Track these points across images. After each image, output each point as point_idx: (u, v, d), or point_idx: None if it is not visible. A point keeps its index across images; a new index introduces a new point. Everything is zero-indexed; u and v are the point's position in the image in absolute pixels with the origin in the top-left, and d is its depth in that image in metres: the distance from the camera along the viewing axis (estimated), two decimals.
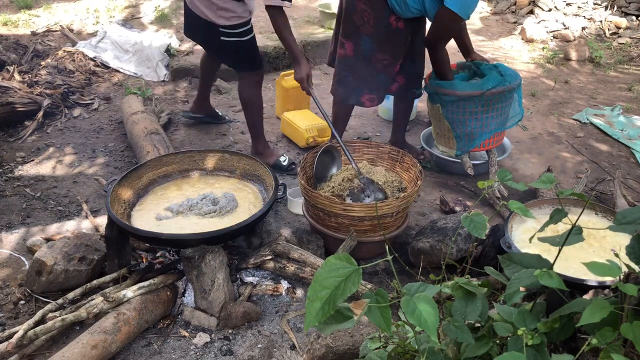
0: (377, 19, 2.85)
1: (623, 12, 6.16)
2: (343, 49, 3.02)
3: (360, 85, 3.06)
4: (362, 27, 2.90)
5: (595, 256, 2.03)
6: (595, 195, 3.18)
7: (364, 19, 2.87)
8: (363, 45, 2.94)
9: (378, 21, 2.85)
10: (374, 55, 2.95)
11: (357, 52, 2.97)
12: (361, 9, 2.85)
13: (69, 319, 2.03)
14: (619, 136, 3.92)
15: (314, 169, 2.66)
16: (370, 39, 2.91)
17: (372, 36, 2.90)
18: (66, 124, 3.83)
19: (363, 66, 3.00)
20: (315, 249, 2.49)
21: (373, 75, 3.03)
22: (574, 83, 4.93)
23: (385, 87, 3.13)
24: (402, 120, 3.53)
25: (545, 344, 1.10)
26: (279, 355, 2.06)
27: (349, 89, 3.10)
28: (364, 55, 2.97)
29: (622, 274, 1.10)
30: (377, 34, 2.89)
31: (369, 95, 3.10)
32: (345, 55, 3.02)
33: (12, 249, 2.60)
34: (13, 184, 3.13)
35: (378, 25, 2.86)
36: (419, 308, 1.03)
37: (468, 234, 2.42)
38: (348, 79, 3.07)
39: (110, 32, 4.92)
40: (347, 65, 3.04)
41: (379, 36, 2.90)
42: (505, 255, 1.28)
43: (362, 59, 2.98)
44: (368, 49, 2.94)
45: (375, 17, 2.84)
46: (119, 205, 2.37)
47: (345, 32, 2.98)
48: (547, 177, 1.26)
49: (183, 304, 2.26)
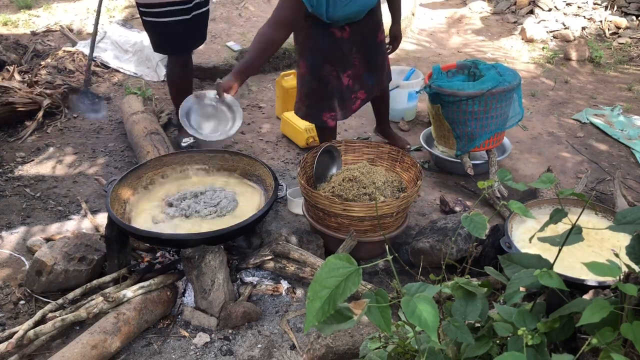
0: (317, 31, 2.78)
1: (623, 12, 6.16)
2: (299, 67, 2.96)
3: (319, 102, 2.98)
4: (306, 42, 2.85)
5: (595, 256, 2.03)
6: (595, 195, 3.18)
7: (303, 33, 2.81)
8: (311, 60, 2.88)
9: (318, 32, 2.79)
10: (322, 67, 2.88)
11: (308, 68, 2.91)
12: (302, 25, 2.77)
13: (69, 319, 2.03)
14: (619, 136, 3.92)
15: (314, 169, 2.66)
16: (314, 52, 2.85)
17: (315, 49, 2.84)
18: (66, 124, 3.83)
19: (316, 82, 2.92)
20: (315, 249, 2.48)
21: (327, 90, 2.94)
22: (574, 83, 4.93)
23: (342, 101, 3.02)
24: (379, 110, 3.50)
25: (545, 344, 1.10)
26: (279, 355, 2.06)
27: (310, 108, 3.01)
28: (313, 70, 2.89)
29: (622, 274, 1.10)
30: (321, 46, 2.82)
31: (329, 113, 3.00)
32: (302, 74, 2.95)
33: (12, 249, 2.60)
34: (13, 184, 3.13)
35: (319, 37, 2.79)
36: (419, 308, 1.03)
37: (468, 234, 2.42)
38: (308, 97, 2.99)
39: (110, 32, 4.92)
40: (305, 83, 2.95)
41: (323, 48, 2.83)
42: (505, 255, 1.28)
43: (313, 75, 2.90)
44: (316, 63, 2.87)
45: (315, 29, 2.78)
46: (119, 205, 2.37)
47: (297, 50, 2.94)
48: (547, 177, 1.26)
49: (183, 304, 2.26)
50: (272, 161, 3.48)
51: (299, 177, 2.55)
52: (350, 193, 2.47)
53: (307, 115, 3.05)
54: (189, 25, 3.09)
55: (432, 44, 5.75)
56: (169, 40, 3.10)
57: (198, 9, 3.14)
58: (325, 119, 3.02)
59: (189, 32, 3.13)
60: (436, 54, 5.50)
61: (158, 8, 2.95)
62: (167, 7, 2.95)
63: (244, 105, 4.26)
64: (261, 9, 6.16)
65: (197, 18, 3.16)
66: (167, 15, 2.97)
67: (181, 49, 3.18)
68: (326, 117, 3.01)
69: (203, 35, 3.40)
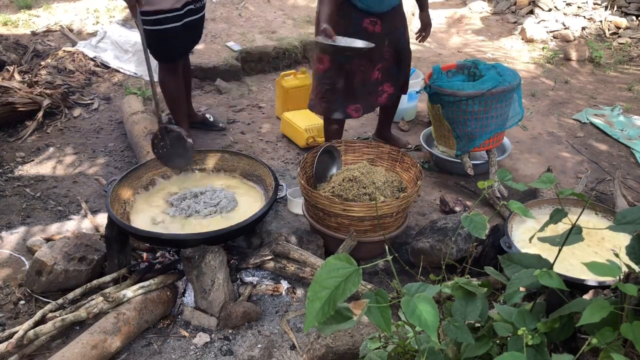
0: (348, 26, 2.82)
1: (623, 12, 6.16)
2: (321, 63, 2.97)
3: (343, 96, 3.02)
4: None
5: (595, 256, 2.03)
6: (595, 195, 3.18)
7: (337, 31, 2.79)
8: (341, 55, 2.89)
9: (351, 28, 2.82)
10: (352, 62, 2.91)
11: (334, 63, 2.93)
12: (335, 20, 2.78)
13: (69, 319, 2.03)
14: (619, 136, 3.92)
15: (314, 169, 2.66)
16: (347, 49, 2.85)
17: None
18: (66, 124, 3.83)
19: (343, 76, 2.96)
20: (315, 249, 2.48)
21: (354, 84, 2.99)
22: (574, 83, 4.93)
23: (368, 94, 3.07)
24: (387, 112, 3.53)
25: (545, 344, 1.10)
26: (279, 355, 2.06)
27: (332, 103, 3.05)
28: (340, 65, 2.92)
29: (622, 274, 1.10)
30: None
31: (353, 105, 3.06)
32: (324, 69, 2.97)
33: (12, 249, 2.60)
34: (13, 184, 3.13)
35: (354, 34, 2.82)
36: (419, 308, 1.03)
37: (468, 234, 2.42)
38: (330, 92, 3.01)
39: (110, 32, 4.92)
40: (327, 79, 2.99)
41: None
42: (505, 255, 1.28)
43: (340, 69, 2.94)
44: (347, 58, 2.90)
45: (346, 24, 2.82)
46: (119, 205, 2.37)
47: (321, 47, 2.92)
48: (547, 177, 1.26)
49: (183, 304, 2.26)
50: (272, 161, 3.49)
51: (299, 177, 2.55)
52: (350, 193, 2.47)
53: (329, 110, 3.09)
54: (181, 33, 3.09)
55: (432, 44, 5.75)
56: (159, 48, 3.11)
57: (190, 15, 3.12)
58: (350, 112, 3.08)
59: (180, 39, 3.14)
60: (436, 54, 5.50)
61: (151, 16, 2.94)
62: (158, 15, 2.95)
63: (244, 105, 4.27)
64: (261, 9, 6.16)
65: (190, 26, 3.14)
66: (159, 23, 2.98)
67: (170, 56, 3.19)
68: (350, 109, 3.07)
69: (195, 41, 3.40)
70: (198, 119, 3.75)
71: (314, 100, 3.11)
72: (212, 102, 4.26)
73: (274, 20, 5.87)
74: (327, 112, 3.10)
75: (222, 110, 4.14)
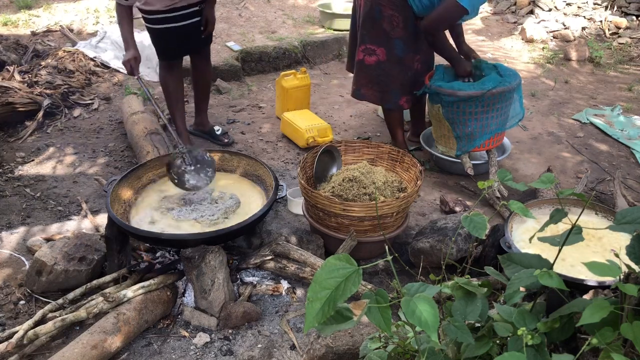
0: (406, 21, 3.01)
1: (623, 12, 6.16)
2: (374, 55, 3.14)
3: (397, 88, 3.20)
4: (393, 32, 3.04)
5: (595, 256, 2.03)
6: (595, 195, 3.18)
7: (393, 24, 3.02)
8: (396, 48, 3.09)
9: (408, 23, 3.02)
10: (408, 56, 3.11)
11: (390, 56, 3.11)
12: (389, 15, 3.00)
13: (69, 319, 2.03)
14: (619, 136, 3.92)
15: (314, 169, 2.66)
16: (402, 42, 3.07)
17: (403, 39, 3.06)
18: (66, 124, 3.83)
19: (398, 69, 3.14)
20: (315, 249, 2.48)
21: (408, 76, 3.18)
22: (574, 83, 4.93)
23: (415, 85, 3.25)
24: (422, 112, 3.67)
25: (545, 344, 1.10)
26: (279, 355, 2.06)
27: (386, 93, 3.22)
28: (398, 58, 3.11)
29: (622, 274, 1.10)
30: (408, 35, 3.05)
31: (405, 97, 3.24)
32: (379, 61, 3.14)
33: (12, 249, 2.60)
34: (13, 184, 3.13)
35: (409, 27, 3.03)
36: (419, 308, 1.03)
37: (468, 234, 2.42)
38: (384, 83, 3.19)
39: (110, 32, 4.92)
40: (381, 70, 3.16)
41: (411, 37, 3.07)
42: (505, 255, 1.28)
43: (396, 62, 3.12)
44: (401, 51, 3.09)
45: (404, 20, 3.00)
46: (119, 205, 2.37)
47: (375, 39, 3.11)
48: (547, 177, 1.26)
49: (183, 304, 2.26)
50: (272, 161, 3.48)
51: (299, 177, 2.55)
52: (350, 193, 2.47)
53: (382, 100, 3.28)
54: (173, 34, 3.14)
55: None
56: (161, 47, 3.24)
57: (190, 19, 3.14)
58: (402, 103, 3.26)
59: (172, 40, 3.19)
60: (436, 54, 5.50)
61: (150, 15, 3.04)
62: (156, 15, 3.03)
63: (244, 105, 4.27)
64: (261, 9, 6.16)
65: (190, 28, 3.17)
66: (157, 22, 3.07)
67: (168, 55, 3.28)
68: (403, 101, 3.25)
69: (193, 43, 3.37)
70: (206, 129, 3.68)
71: (364, 88, 3.27)
72: (212, 102, 4.25)
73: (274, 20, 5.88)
74: (380, 101, 3.30)
75: (222, 110, 4.14)
